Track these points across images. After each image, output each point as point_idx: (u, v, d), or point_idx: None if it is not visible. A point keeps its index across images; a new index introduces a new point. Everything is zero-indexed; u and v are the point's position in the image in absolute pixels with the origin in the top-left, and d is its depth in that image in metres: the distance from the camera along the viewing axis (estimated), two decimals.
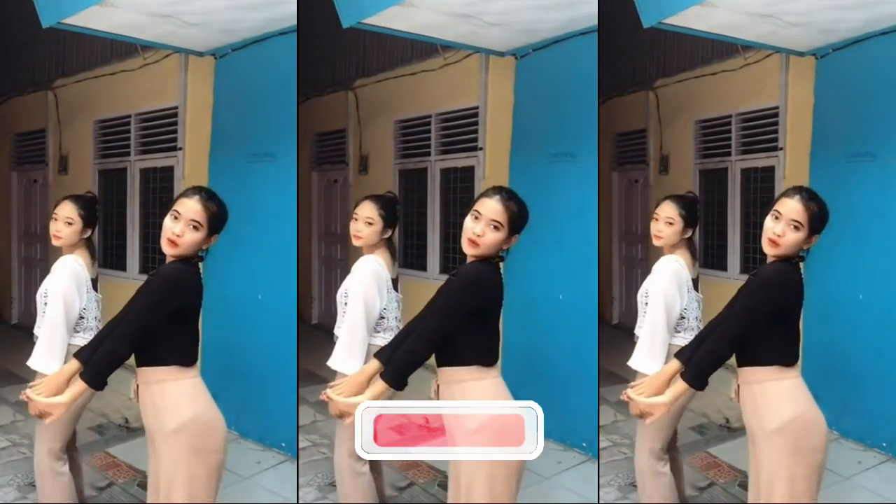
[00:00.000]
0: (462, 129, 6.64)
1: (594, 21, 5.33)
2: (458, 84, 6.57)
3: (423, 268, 6.68)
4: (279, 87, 5.54)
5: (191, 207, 3.93)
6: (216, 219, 3.97)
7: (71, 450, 4.90)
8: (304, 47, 5.50)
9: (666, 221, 4.89)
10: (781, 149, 6.33)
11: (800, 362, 4.04)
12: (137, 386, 3.97)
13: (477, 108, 6.43)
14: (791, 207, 3.81)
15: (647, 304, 4.86)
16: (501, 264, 3.97)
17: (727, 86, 6.68)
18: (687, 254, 4.90)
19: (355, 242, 4.94)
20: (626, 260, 7.43)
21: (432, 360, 4.03)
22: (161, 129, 6.64)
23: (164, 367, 3.90)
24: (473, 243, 3.87)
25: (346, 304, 4.88)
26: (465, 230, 3.90)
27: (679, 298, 4.79)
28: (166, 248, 3.96)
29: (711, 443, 5.60)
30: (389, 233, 4.93)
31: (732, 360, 4.02)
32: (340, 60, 7.36)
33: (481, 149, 6.41)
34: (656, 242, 4.94)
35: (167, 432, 3.89)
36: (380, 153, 7.22)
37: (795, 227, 3.81)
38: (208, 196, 4.00)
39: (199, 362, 4.08)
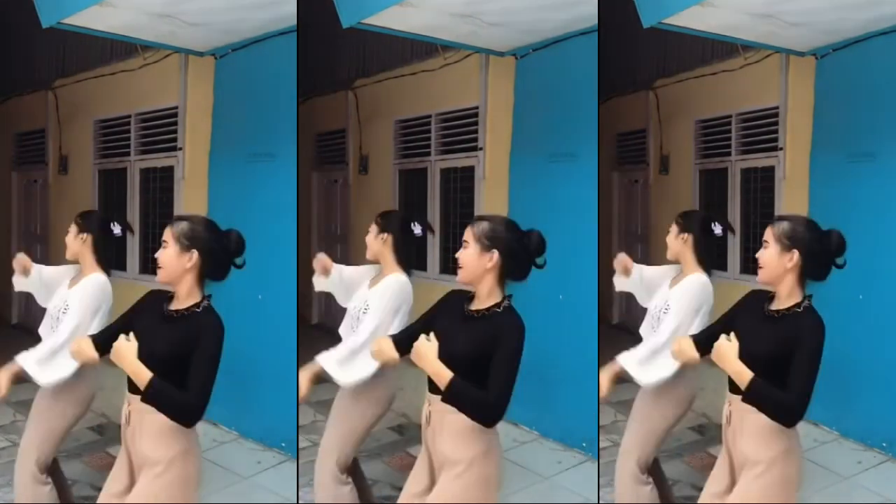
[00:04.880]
0: (462, 129, 6.64)
1: (594, 21, 5.33)
2: (458, 84, 6.57)
3: (423, 268, 6.68)
4: (279, 87, 5.54)
5: (165, 233, 4.00)
6: (185, 235, 3.95)
7: (53, 465, 4.92)
8: (304, 47, 5.50)
9: (674, 235, 4.99)
10: (781, 149, 6.33)
11: None
12: (129, 413, 3.96)
13: (477, 108, 6.43)
14: (765, 234, 3.92)
15: (665, 311, 4.86)
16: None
17: (727, 86, 6.69)
18: (703, 275, 4.93)
19: (367, 255, 5.05)
20: None
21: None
22: (161, 129, 6.64)
23: None
24: (458, 268, 3.93)
25: (364, 312, 4.88)
26: None
27: (694, 325, 4.80)
28: (158, 277, 3.99)
29: (711, 443, 5.60)
30: (388, 238, 4.98)
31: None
32: (340, 60, 7.36)
33: (481, 149, 6.41)
34: (668, 255, 5.00)
35: (161, 461, 3.89)
36: (380, 153, 7.22)
37: (764, 247, 3.88)
38: (183, 219, 4.04)
39: None
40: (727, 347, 3.84)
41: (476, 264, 3.90)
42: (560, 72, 5.79)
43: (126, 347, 3.86)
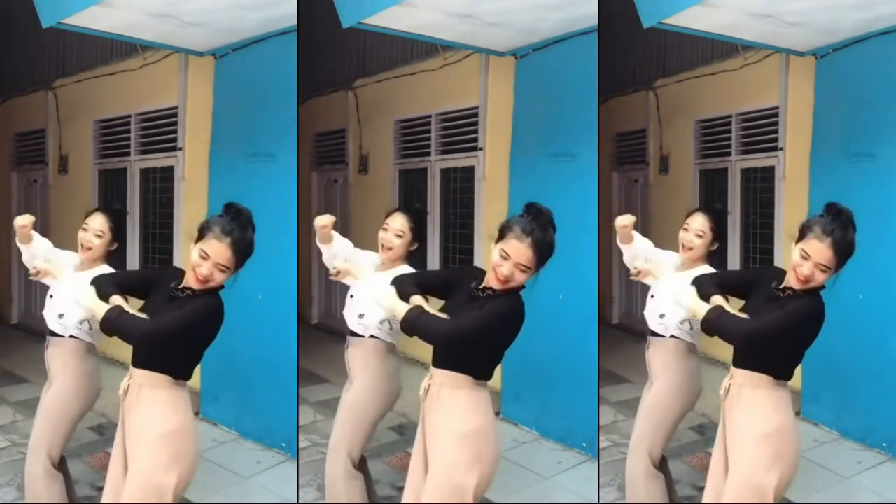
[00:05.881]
0: (462, 129, 6.64)
1: (594, 21, 5.33)
2: (458, 84, 6.57)
3: (423, 268, 6.68)
4: (279, 87, 5.54)
5: (220, 252, 3.89)
6: (244, 255, 3.95)
7: (61, 464, 4.92)
8: (304, 47, 5.50)
9: (697, 234, 4.93)
10: (781, 149, 6.33)
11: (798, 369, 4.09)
12: (128, 386, 3.98)
13: (477, 108, 6.43)
14: (819, 252, 3.80)
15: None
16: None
17: (727, 86, 6.68)
18: (709, 266, 4.94)
19: (384, 254, 4.96)
20: None
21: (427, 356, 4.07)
22: (161, 129, 6.64)
23: (163, 376, 3.92)
24: (501, 282, 3.89)
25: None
26: (493, 265, 3.91)
27: None
28: (193, 284, 3.94)
29: (711, 443, 5.58)
30: (415, 246, 4.99)
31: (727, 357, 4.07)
32: (340, 60, 7.36)
33: (481, 149, 6.41)
34: (684, 253, 4.95)
35: (153, 436, 3.90)
36: (380, 153, 7.22)
37: (823, 270, 3.82)
38: (240, 235, 3.93)
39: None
40: (686, 291, 4.01)
41: (523, 282, 3.92)
42: (560, 72, 5.78)
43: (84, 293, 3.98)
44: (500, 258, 3.87)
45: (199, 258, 3.90)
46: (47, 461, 4.82)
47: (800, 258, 3.83)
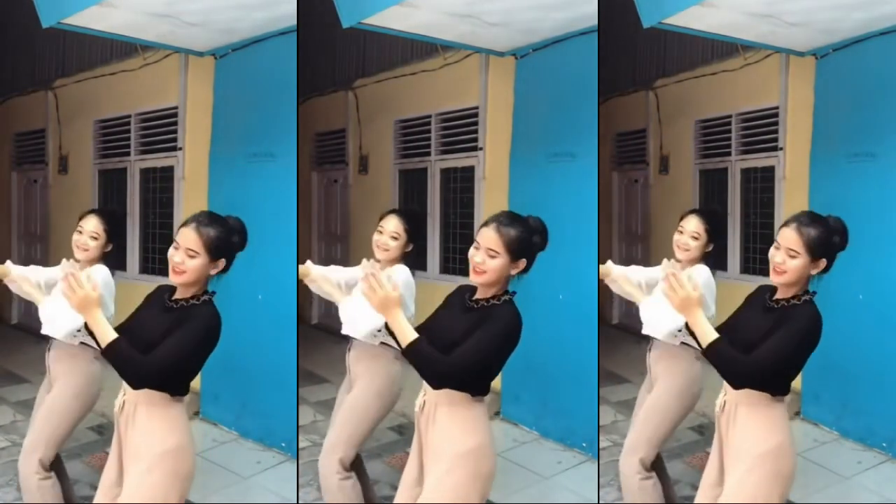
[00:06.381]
0: (462, 129, 6.64)
1: (594, 21, 5.33)
2: (458, 84, 6.58)
3: (423, 268, 6.68)
4: (279, 87, 5.54)
5: (187, 237, 3.89)
6: (215, 243, 3.89)
7: (56, 463, 4.92)
8: (304, 47, 5.50)
9: (692, 236, 4.94)
10: (781, 149, 6.33)
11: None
12: (124, 402, 3.97)
13: (477, 108, 6.43)
14: (787, 237, 3.82)
15: None
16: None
17: (727, 86, 6.69)
18: (705, 266, 4.93)
19: (379, 255, 4.93)
20: (626, 260, 7.43)
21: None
22: (161, 129, 6.65)
23: (160, 393, 3.91)
24: (477, 273, 3.88)
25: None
26: (469, 258, 3.91)
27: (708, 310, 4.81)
28: (173, 278, 3.92)
29: (711, 443, 5.60)
30: (411, 247, 4.98)
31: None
32: (340, 60, 7.36)
33: (481, 149, 6.41)
34: (680, 255, 4.94)
35: (151, 455, 3.89)
36: (380, 153, 7.23)
37: (792, 256, 3.81)
38: (208, 222, 3.91)
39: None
40: (692, 296, 3.76)
41: (504, 274, 3.87)
42: (560, 72, 5.78)
43: (92, 298, 3.80)
44: (473, 249, 3.90)
45: (173, 249, 3.92)
46: (37, 464, 4.81)
47: (774, 250, 3.86)
